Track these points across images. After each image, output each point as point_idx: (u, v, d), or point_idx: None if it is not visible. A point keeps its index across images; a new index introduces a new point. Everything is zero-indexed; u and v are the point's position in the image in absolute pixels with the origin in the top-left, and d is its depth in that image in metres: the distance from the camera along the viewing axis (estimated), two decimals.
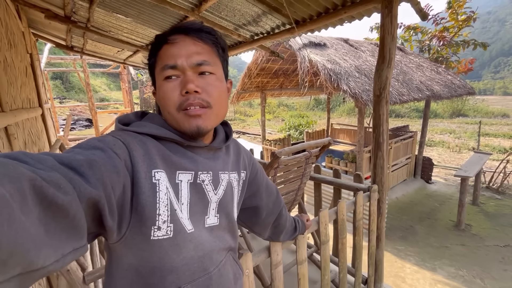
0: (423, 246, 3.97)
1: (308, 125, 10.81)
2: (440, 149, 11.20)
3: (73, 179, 0.35)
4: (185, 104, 0.55)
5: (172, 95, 0.55)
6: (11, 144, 1.57)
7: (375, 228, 1.81)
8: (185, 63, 0.55)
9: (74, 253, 0.35)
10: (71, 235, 0.34)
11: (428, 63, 6.22)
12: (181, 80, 0.55)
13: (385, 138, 1.71)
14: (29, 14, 3.30)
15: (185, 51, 0.55)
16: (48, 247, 0.30)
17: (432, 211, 5.08)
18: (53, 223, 0.31)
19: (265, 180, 0.83)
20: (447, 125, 16.68)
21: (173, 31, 0.58)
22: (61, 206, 0.31)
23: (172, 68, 0.55)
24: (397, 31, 1.57)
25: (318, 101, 25.01)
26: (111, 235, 0.46)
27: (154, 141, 0.55)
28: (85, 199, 0.36)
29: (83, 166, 0.38)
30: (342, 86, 3.63)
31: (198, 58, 0.56)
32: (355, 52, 4.98)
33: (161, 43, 0.58)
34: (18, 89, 2.09)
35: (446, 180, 7.00)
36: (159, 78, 0.57)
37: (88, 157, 0.40)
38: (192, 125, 0.55)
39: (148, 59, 0.62)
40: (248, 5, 2.15)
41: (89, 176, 0.38)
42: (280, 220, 0.91)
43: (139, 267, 0.53)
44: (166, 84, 0.56)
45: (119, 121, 0.59)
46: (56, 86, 18.96)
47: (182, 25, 0.58)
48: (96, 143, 0.46)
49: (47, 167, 0.33)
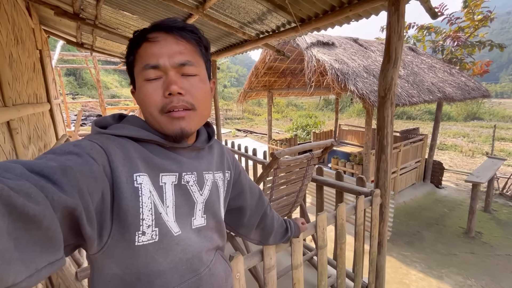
0: (430, 252, 3.84)
1: (316, 126, 10.69)
2: (452, 153, 10.87)
3: (45, 188, 0.33)
4: (168, 106, 0.53)
5: (154, 96, 0.53)
6: (13, 139, 1.60)
7: (376, 234, 1.75)
8: (167, 63, 0.53)
9: (49, 267, 0.32)
10: (46, 248, 0.32)
11: (441, 64, 6.03)
12: (164, 81, 0.53)
13: (389, 141, 1.64)
14: (40, 11, 3.36)
15: (167, 50, 0.53)
16: (19, 262, 0.28)
17: (441, 217, 4.92)
18: (25, 235, 0.29)
19: (248, 180, 0.83)
20: (460, 128, 16.18)
21: (153, 28, 0.55)
22: (32, 216, 0.29)
23: (153, 68, 0.53)
24: (404, 30, 1.51)
25: (327, 101, 24.73)
26: (91, 244, 0.43)
27: (135, 143, 0.53)
28: (59, 208, 0.34)
29: (56, 173, 0.36)
30: (350, 87, 3.55)
31: (181, 58, 0.54)
32: (364, 52, 4.87)
33: (140, 40, 0.55)
34: (24, 84, 2.13)
35: (457, 185, 6.79)
36: (139, 78, 0.55)
37: (62, 163, 0.38)
38: (175, 127, 0.54)
39: (126, 57, 0.58)
40: (252, 2, 2.12)
41: (63, 183, 0.36)
42: (265, 221, 0.89)
43: (124, 275, 0.51)
44: (147, 85, 0.53)
45: (96, 123, 0.56)
46: (69, 82, 19.43)
47: (163, 23, 0.55)
48: (71, 148, 0.44)
49: (15, 176, 0.31)
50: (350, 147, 7.07)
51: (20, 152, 1.66)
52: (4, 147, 1.46)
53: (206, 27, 2.82)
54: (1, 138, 1.44)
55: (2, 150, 1.42)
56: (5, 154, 1.45)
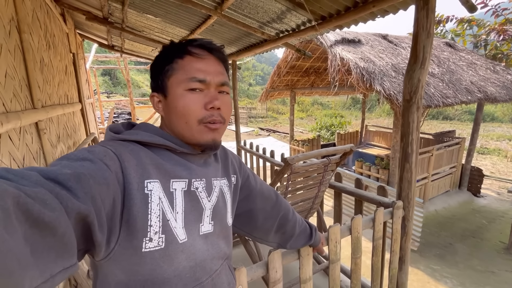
0: (464, 268, 3.51)
1: (341, 126, 10.30)
2: (495, 158, 9.88)
3: (59, 194, 0.33)
4: (209, 118, 0.58)
5: (195, 107, 0.57)
6: (41, 139, 1.71)
7: (397, 249, 1.62)
8: (212, 80, 0.58)
9: (63, 272, 0.33)
10: (61, 254, 0.33)
11: (483, 61, 5.47)
12: (207, 95, 0.58)
13: (414, 149, 1.50)
14: (75, 16, 3.59)
15: (213, 69, 0.59)
16: (35, 267, 0.29)
17: (478, 229, 4.48)
18: (41, 242, 0.30)
19: (259, 183, 0.84)
20: (506, 131, 14.65)
21: (196, 46, 0.59)
22: (48, 223, 0.30)
23: (200, 82, 0.57)
24: (433, 27, 1.36)
25: (355, 100, 23.76)
26: (99, 251, 0.44)
27: (147, 150, 0.55)
28: (73, 214, 0.34)
29: (70, 180, 0.37)
30: (376, 87, 3.34)
31: (222, 79, 0.60)
32: (394, 49, 4.56)
33: (183, 52, 0.59)
34: (55, 86, 2.27)
35: (499, 194, 6.15)
36: (179, 87, 0.58)
37: (76, 169, 0.39)
38: (209, 137, 0.59)
39: (160, 63, 0.60)
40: (271, 1, 2.06)
41: (76, 190, 0.37)
42: (286, 226, 0.88)
43: (129, 282, 0.51)
44: (190, 95, 0.57)
45: (110, 129, 0.58)
46: (105, 81, 20.79)
47: (203, 43, 0.60)
48: (86, 154, 0.45)
49: (32, 183, 0.32)
50: (377, 149, 6.71)
51: (47, 151, 1.77)
52: (32, 147, 1.56)
53: (226, 28, 2.81)
54: (29, 138, 1.54)
55: (29, 150, 1.52)
56: (32, 153, 1.55)
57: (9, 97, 1.30)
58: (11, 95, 1.33)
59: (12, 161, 1.26)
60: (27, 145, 1.49)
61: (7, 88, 1.29)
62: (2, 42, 1.28)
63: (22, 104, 1.47)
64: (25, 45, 1.57)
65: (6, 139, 1.23)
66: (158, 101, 0.62)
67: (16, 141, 1.35)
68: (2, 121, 1.10)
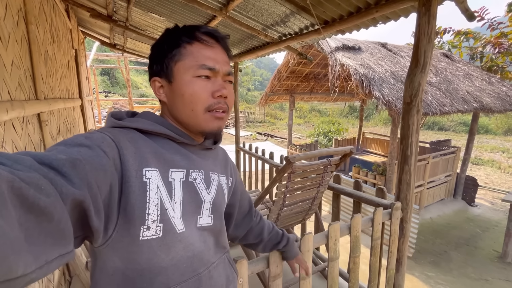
0: (458, 275, 3.53)
1: (338, 132, 10.38)
2: (489, 169, 10.02)
3: (54, 180, 0.33)
4: (215, 106, 0.58)
5: (204, 94, 0.57)
6: (42, 130, 1.70)
7: (395, 250, 1.63)
8: (221, 69, 0.58)
9: (60, 259, 0.33)
10: (57, 240, 0.32)
11: (479, 72, 5.59)
12: (214, 83, 0.58)
13: (413, 151, 1.53)
14: (78, 13, 3.61)
15: (221, 58, 0.59)
16: (29, 253, 0.28)
17: (472, 238, 4.52)
18: (36, 227, 0.29)
19: (241, 192, 0.83)
20: (499, 143, 14.88)
21: (204, 33, 0.59)
22: (43, 208, 0.29)
23: (209, 70, 0.57)
24: (434, 33, 1.40)
25: (352, 108, 24.01)
26: (97, 237, 0.44)
27: (146, 138, 0.54)
28: (68, 200, 0.34)
29: (65, 165, 0.36)
30: (375, 93, 3.39)
31: (228, 68, 0.61)
32: (393, 57, 4.65)
33: (191, 38, 0.57)
34: (58, 80, 2.27)
35: (492, 204, 6.22)
36: (187, 73, 0.57)
37: (72, 155, 0.38)
38: (214, 125, 0.59)
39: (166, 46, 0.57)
40: (275, 4, 2.10)
41: (72, 176, 0.36)
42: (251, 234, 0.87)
43: (126, 270, 0.51)
44: (199, 82, 0.57)
45: (113, 115, 0.57)
46: (103, 81, 20.72)
47: (211, 31, 0.60)
48: (83, 140, 0.44)
49: (26, 167, 0.31)
50: (374, 156, 6.76)
51: (48, 143, 1.76)
52: (33, 138, 1.56)
53: (229, 29, 2.85)
54: (31, 128, 1.54)
55: (31, 140, 1.52)
56: (33, 144, 1.54)
57: (15, 86, 1.31)
58: (16, 84, 1.33)
59: (15, 149, 1.26)
60: (29, 135, 1.49)
61: (12, 77, 1.29)
62: (10, 32, 1.29)
63: (26, 94, 1.47)
64: (31, 37, 1.57)
65: (10, 127, 1.23)
66: (160, 86, 0.59)
67: (19, 130, 1.35)
68: (7, 108, 1.11)
